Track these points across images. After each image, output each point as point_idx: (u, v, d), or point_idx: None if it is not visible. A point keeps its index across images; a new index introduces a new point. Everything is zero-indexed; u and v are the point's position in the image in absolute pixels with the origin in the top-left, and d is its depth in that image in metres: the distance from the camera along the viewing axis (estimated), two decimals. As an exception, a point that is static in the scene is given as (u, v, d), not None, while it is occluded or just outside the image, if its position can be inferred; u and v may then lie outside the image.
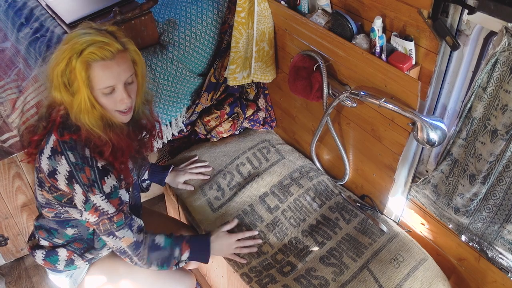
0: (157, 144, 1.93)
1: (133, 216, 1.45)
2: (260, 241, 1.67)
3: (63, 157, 1.28)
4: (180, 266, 1.57)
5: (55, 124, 1.30)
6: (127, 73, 1.27)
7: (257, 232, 1.70)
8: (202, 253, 1.59)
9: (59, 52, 1.23)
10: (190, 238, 1.57)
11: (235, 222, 1.71)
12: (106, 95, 1.26)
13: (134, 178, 1.51)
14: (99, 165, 1.31)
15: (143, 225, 1.49)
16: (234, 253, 1.64)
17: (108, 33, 1.25)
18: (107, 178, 1.32)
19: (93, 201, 1.32)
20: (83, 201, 1.32)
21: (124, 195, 1.40)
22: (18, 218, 2.15)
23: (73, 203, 1.38)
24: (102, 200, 1.33)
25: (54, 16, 1.80)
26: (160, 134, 1.64)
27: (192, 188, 1.87)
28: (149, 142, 1.58)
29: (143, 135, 1.53)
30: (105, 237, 1.41)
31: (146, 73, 1.43)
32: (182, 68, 1.80)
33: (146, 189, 1.83)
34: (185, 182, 1.88)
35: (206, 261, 1.60)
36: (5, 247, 2.21)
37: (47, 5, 1.86)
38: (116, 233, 1.39)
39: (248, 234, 1.68)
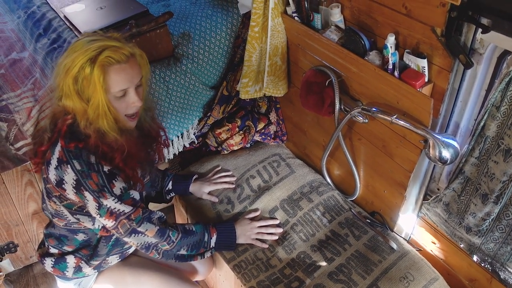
0: (168, 155, 1.95)
1: (151, 210, 1.46)
2: (280, 230, 1.71)
3: (69, 166, 1.29)
4: (206, 256, 1.57)
5: (61, 134, 1.31)
6: (138, 76, 1.30)
7: (279, 221, 1.74)
8: (228, 237, 1.62)
9: (68, 60, 1.23)
10: (215, 223, 1.63)
11: (258, 212, 1.76)
12: (118, 98, 1.28)
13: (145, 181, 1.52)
14: (106, 169, 1.31)
15: (165, 216, 1.50)
16: (256, 239, 1.66)
17: (115, 39, 1.27)
18: (115, 181, 1.33)
19: (107, 205, 1.33)
20: (97, 208, 1.33)
21: (137, 195, 1.41)
22: (29, 225, 2.17)
23: (84, 211, 1.38)
24: (115, 202, 1.34)
25: (71, 27, 1.84)
26: (166, 141, 1.65)
27: (217, 200, 1.85)
28: (158, 151, 1.59)
29: (150, 144, 1.54)
30: (127, 238, 1.42)
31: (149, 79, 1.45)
32: (195, 80, 1.82)
33: (170, 200, 1.84)
34: (209, 193, 1.86)
35: (232, 246, 1.64)
36: (15, 254, 2.23)
37: (65, 16, 1.90)
38: (138, 229, 1.40)
39: (270, 222, 1.72)
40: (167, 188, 1.79)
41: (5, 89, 1.72)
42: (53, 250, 1.54)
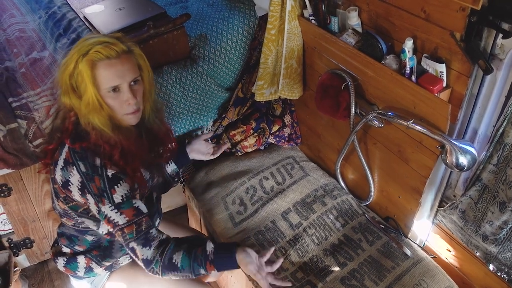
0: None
1: (151, 231, 1.38)
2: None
3: (74, 167, 1.29)
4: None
5: (67, 132, 1.32)
6: (131, 74, 1.28)
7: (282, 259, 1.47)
8: (228, 268, 1.43)
9: (68, 57, 1.26)
10: (213, 258, 1.39)
11: (269, 252, 1.47)
12: (112, 95, 1.27)
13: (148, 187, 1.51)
14: (109, 173, 1.30)
15: (165, 238, 1.41)
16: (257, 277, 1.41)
17: (114, 37, 1.29)
18: (117, 187, 1.30)
19: (104, 211, 1.31)
20: (97, 211, 1.33)
21: (142, 206, 1.37)
22: (45, 221, 2.20)
23: (90, 215, 1.38)
24: (111, 210, 1.31)
25: (91, 28, 1.87)
26: (174, 143, 1.61)
27: (211, 151, 1.78)
28: (164, 153, 1.57)
29: (158, 147, 1.52)
30: (126, 248, 1.39)
31: (154, 81, 1.42)
32: (211, 82, 1.83)
33: (177, 176, 1.79)
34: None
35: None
36: (31, 250, 2.26)
37: (85, 17, 1.93)
38: (130, 245, 1.36)
39: (276, 266, 1.43)
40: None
41: (25, 88, 1.75)
42: (65, 250, 1.56)
